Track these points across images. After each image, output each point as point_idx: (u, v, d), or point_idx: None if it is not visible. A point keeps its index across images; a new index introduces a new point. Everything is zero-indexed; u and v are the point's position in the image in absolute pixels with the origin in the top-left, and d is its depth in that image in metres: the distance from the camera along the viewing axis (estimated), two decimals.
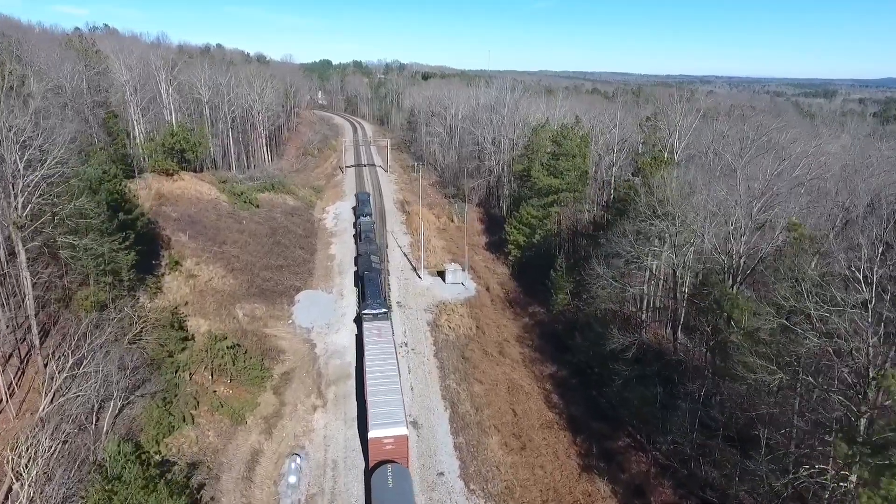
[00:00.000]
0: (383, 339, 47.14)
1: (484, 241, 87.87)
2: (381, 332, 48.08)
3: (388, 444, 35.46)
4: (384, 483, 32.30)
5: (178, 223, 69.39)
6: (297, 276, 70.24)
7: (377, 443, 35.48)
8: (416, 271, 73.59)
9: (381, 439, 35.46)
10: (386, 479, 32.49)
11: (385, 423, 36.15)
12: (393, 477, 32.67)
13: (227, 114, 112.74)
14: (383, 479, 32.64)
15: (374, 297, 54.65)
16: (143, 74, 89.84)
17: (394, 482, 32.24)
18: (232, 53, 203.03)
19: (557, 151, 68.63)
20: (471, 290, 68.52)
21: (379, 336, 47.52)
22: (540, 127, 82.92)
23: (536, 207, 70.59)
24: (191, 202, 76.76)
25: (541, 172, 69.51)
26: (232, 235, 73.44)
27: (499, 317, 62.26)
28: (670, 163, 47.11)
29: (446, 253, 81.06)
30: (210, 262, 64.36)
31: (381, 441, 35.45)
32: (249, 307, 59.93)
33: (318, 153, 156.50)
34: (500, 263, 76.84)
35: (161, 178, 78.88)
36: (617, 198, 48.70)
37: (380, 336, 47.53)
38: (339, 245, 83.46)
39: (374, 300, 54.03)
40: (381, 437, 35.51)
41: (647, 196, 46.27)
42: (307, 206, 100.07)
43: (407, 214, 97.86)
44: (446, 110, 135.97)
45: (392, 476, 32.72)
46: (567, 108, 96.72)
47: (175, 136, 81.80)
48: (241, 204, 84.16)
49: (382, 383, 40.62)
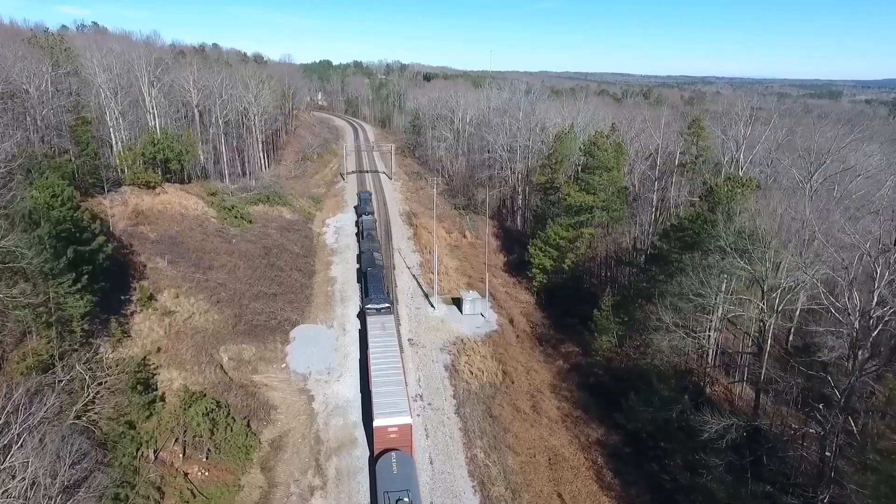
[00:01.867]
0: (387, 332, 47.40)
1: (501, 260, 78.27)
2: (384, 326, 48.42)
3: (393, 432, 36.09)
4: (389, 469, 33.28)
5: (157, 246, 59.64)
6: (294, 305, 60.57)
7: (382, 431, 36.14)
8: (427, 298, 63.97)
9: (385, 428, 36.10)
10: (390, 466, 33.44)
11: (389, 413, 36.73)
12: (397, 463, 33.66)
13: (220, 117, 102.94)
14: (388, 465, 33.59)
15: (378, 293, 54.70)
16: (125, 75, 79.95)
17: (398, 468, 33.26)
18: (228, 53, 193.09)
19: (590, 164, 59.01)
20: (492, 323, 58.91)
21: (382, 330, 47.76)
22: (564, 134, 73.29)
23: (565, 227, 60.99)
24: (173, 220, 66.98)
25: (571, 188, 59.91)
26: (219, 258, 63.72)
27: (527, 358, 52.66)
28: (751, 185, 37.79)
29: (461, 275, 71.47)
30: (192, 292, 54.67)
31: (385, 429, 36.11)
32: (236, 349, 50.29)
33: (318, 158, 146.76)
34: (522, 289, 67.21)
35: (141, 193, 69.08)
36: (678, 225, 39.46)
37: (383, 330, 47.78)
38: (340, 265, 73.80)
39: (377, 295, 54.03)
40: (386, 425, 36.13)
41: (724, 226, 36.70)
42: (305, 219, 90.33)
43: (414, 228, 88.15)
44: (453, 113, 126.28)
45: (396, 462, 33.71)
46: (590, 112, 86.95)
47: (157, 145, 72.00)
48: (232, 219, 74.41)
49: (386, 375, 40.99)
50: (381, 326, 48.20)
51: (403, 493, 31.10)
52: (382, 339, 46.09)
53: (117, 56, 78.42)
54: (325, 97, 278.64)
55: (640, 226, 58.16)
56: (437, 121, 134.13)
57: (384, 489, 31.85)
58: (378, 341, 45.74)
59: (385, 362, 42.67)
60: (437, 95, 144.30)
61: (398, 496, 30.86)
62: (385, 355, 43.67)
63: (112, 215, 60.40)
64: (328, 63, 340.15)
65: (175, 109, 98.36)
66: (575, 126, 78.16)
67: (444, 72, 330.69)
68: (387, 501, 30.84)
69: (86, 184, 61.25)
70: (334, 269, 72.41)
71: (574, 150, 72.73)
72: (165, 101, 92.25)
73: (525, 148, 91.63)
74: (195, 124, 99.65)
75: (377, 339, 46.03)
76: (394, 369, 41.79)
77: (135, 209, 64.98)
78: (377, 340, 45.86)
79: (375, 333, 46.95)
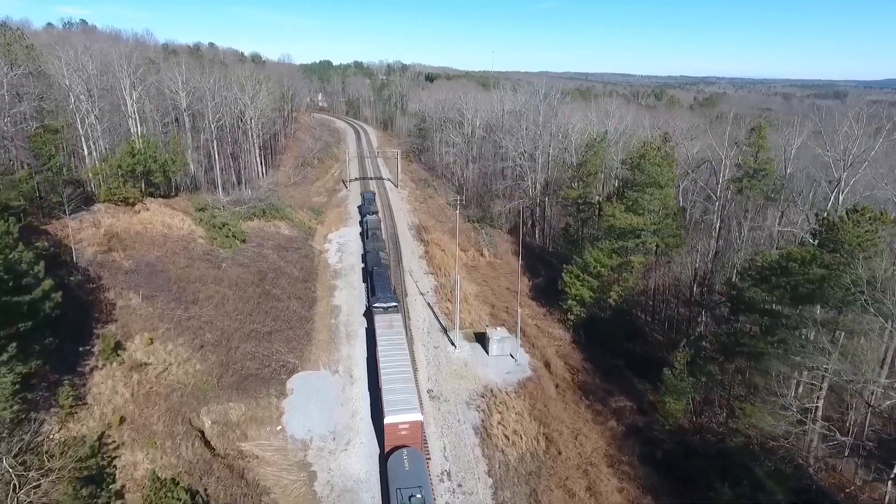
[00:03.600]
0: (395, 330, 46.74)
1: (525, 284, 68.83)
2: (392, 324, 47.67)
3: (404, 429, 35.37)
4: (400, 465, 32.54)
5: (131, 277, 50.16)
6: (292, 345, 51.16)
7: (393, 428, 35.42)
8: (447, 334, 54.58)
9: (396, 425, 35.36)
10: (402, 462, 32.70)
11: (400, 410, 35.91)
12: (409, 460, 32.92)
13: (212, 122, 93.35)
14: (399, 462, 32.89)
15: (385, 292, 53.90)
16: (103, 77, 70.43)
17: (410, 465, 32.48)
18: (225, 53, 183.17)
19: (639, 179, 49.61)
20: (524, 366, 49.56)
21: (390, 328, 47.03)
22: (598, 142, 63.84)
23: (607, 253, 51.61)
24: (154, 243, 57.47)
25: (615, 208, 50.50)
26: (206, 288, 54.25)
27: (572, 417, 43.27)
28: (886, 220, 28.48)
29: (481, 303, 62.09)
30: (170, 336, 45.24)
31: (396, 426, 35.37)
32: (221, 409, 40.86)
33: (319, 163, 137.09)
34: (555, 322, 57.79)
35: (117, 211, 59.59)
36: (779, 267, 30.17)
37: (391, 328, 47.05)
38: (345, 290, 64.32)
39: (384, 294, 53.14)
40: (397, 422, 35.38)
41: (851, 275, 27.34)
42: (305, 234, 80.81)
43: (426, 245, 78.65)
44: (463, 116, 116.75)
45: (408, 459, 33.00)
46: (622, 117, 77.49)
47: (137, 155, 62.42)
48: (223, 239, 64.86)
49: (396, 372, 40.13)
50: (389, 324, 47.46)
51: (416, 489, 30.39)
52: (390, 337, 45.33)
53: (94, 55, 68.78)
54: (326, 98, 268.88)
55: (702, 255, 48.70)
56: (445, 124, 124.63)
57: (396, 486, 31.06)
58: (386, 339, 44.92)
59: (394, 360, 41.84)
60: (444, 97, 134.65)
61: (411, 493, 30.05)
62: (394, 353, 42.84)
63: (79, 241, 50.97)
64: (328, 63, 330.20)
65: (163, 114, 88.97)
66: (609, 133, 68.61)
67: (445, 72, 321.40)
68: (399, 498, 30.03)
69: (49, 204, 51.82)
70: (338, 296, 62.93)
71: (608, 162, 63.33)
72: (152, 104, 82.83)
73: (545, 156, 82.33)
74: (186, 130, 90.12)
75: (385, 337, 45.23)
76: (403, 367, 41.11)
77: (108, 231, 55.47)
78: (385, 338, 45.05)
79: (383, 331, 46.20)
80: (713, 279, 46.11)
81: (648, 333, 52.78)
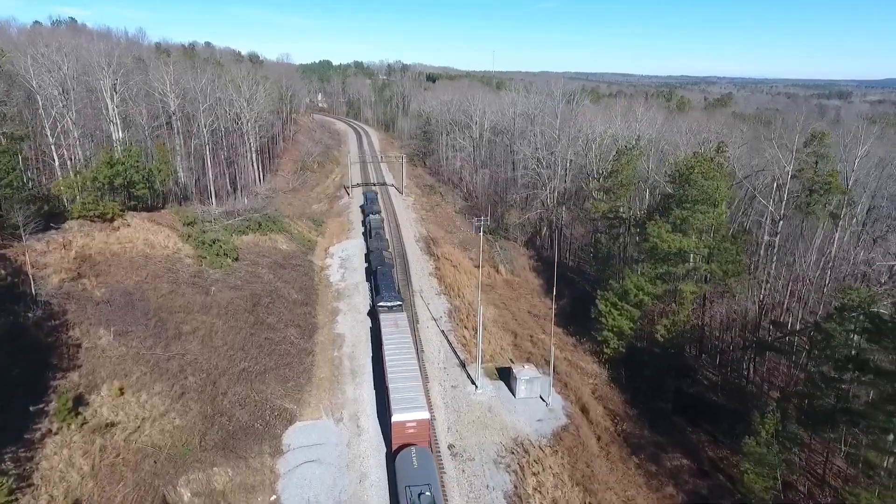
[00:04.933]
0: (400, 329, 46.12)
1: (546, 303, 61.76)
2: (397, 323, 46.98)
3: (411, 427, 34.59)
4: (409, 464, 31.59)
5: (104, 310, 42.92)
6: (289, 385, 43.99)
7: (400, 426, 34.61)
8: (465, 369, 47.46)
9: (403, 423, 34.62)
10: (410, 460, 31.81)
11: (407, 408, 35.15)
12: (417, 458, 32.00)
13: (204, 125, 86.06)
14: (408, 460, 31.95)
15: (389, 291, 52.86)
16: (81, 78, 63.09)
17: (418, 463, 31.58)
18: (222, 52, 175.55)
19: (689, 195, 42.42)
20: (558, 411, 42.39)
21: (396, 326, 46.36)
22: (630, 149, 56.66)
23: (650, 279, 44.49)
24: (133, 265, 50.23)
25: (661, 227, 43.32)
26: (191, 319, 47.05)
27: (621, 480, 36.12)
28: None
29: (502, 329, 54.94)
30: (145, 383, 38.03)
31: (403, 424, 34.60)
32: (203, 477, 33.67)
33: (319, 167, 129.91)
34: (585, 353, 50.66)
35: (92, 229, 52.29)
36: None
37: (396, 326, 46.38)
38: (349, 314, 57.12)
39: (388, 293, 52.24)
40: (404, 420, 34.64)
41: None
42: (305, 248, 73.59)
43: (436, 260, 71.46)
44: (471, 119, 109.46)
45: (416, 457, 32.08)
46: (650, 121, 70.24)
47: (117, 165, 55.14)
48: (213, 258, 57.64)
49: (402, 371, 39.37)
50: (395, 324, 46.80)
51: (425, 487, 29.58)
52: (396, 336, 44.65)
53: (69, 53, 61.38)
54: (326, 98, 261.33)
55: (768, 286, 41.48)
56: (452, 126, 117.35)
57: (405, 484, 30.23)
58: (392, 338, 44.29)
59: (400, 359, 41.23)
60: (450, 98, 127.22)
61: (420, 490, 29.31)
62: (400, 352, 42.16)
63: (43, 266, 43.77)
64: (328, 63, 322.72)
65: (153, 118, 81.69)
66: (617, 135, 61.38)
67: (447, 72, 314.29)
68: (408, 495, 29.28)
69: (8, 223, 44.56)
70: (341, 322, 55.74)
71: (642, 171, 56.22)
72: (140, 108, 75.54)
73: (563, 162, 75.19)
74: (177, 134, 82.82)
75: (391, 336, 44.55)
76: (409, 365, 40.42)
77: (80, 254, 48.23)
78: (391, 337, 44.38)
79: (389, 331, 45.52)
80: (783, 315, 39.12)
81: (697, 369, 45.75)
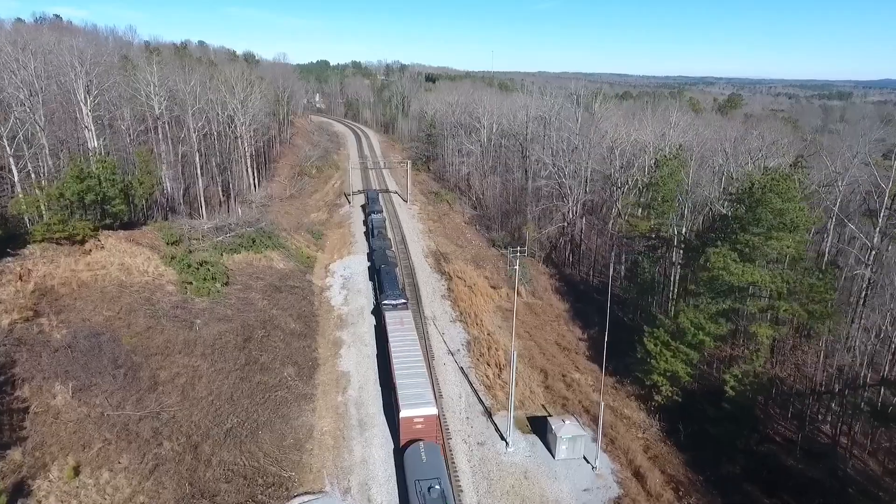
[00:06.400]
0: (405, 327, 45.47)
1: (576, 332, 54.43)
2: (402, 321, 46.35)
3: (419, 423, 34.40)
4: (418, 458, 31.37)
5: (63, 358, 35.40)
6: (286, 444, 36.53)
7: (408, 422, 34.45)
8: (491, 419, 40.11)
9: (411, 419, 34.46)
10: (419, 455, 31.60)
11: (415, 404, 34.99)
12: (426, 452, 31.79)
13: (194, 130, 78.50)
14: (416, 454, 31.72)
15: (393, 289, 52.33)
16: (50, 79, 55.46)
17: (427, 457, 31.38)
18: (216, 51, 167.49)
19: (761, 217, 35.19)
20: (607, 479, 35.08)
21: (401, 324, 45.76)
22: (671, 160, 49.39)
23: (711, 317, 37.23)
24: (104, 298, 42.70)
25: (726, 255, 36.06)
26: (171, 363, 39.59)
27: None
28: None
29: (529, 366, 47.50)
30: (108, 456, 30.53)
31: (411, 420, 34.46)
32: None
33: (317, 172, 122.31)
34: (629, 398, 43.31)
35: (58, 253, 44.75)
36: None
37: (402, 324, 45.79)
38: (354, 347, 49.69)
39: (392, 291, 51.72)
40: (412, 416, 34.47)
41: None
42: (303, 267, 66.09)
43: (448, 279, 64.04)
44: (479, 122, 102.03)
45: (425, 451, 31.88)
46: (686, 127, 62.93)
47: (87, 180, 47.53)
48: (200, 283, 50.16)
49: (409, 367, 39.22)
50: (400, 321, 46.41)
51: (434, 480, 29.10)
52: (402, 334, 44.40)
53: (36, 51, 53.69)
54: (324, 99, 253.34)
55: (860, 330, 34.27)
56: (457, 129, 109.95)
57: (415, 478, 29.71)
58: (398, 335, 44.01)
59: (407, 355, 40.99)
60: (455, 99, 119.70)
61: (430, 484, 28.81)
62: (406, 349, 42.05)
63: None
64: (325, 63, 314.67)
65: (138, 122, 74.18)
66: (681, 147, 54.03)
67: (445, 72, 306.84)
68: (418, 489, 28.70)
69: None
70: (346, 357, 48.29)
71: (682, 183, 49.01)
72: (123, 111, 67.96)
73: (585, 171, 67.97)
74: (165, 139, 75.24)
75: (397, 334, 44.31)
76: (416, 362, 40.41)
77: (40, 286, 40.68)
78: (397, 335, 44.13)
79: (394, 328, 45.26)
80: (887, 367, 32.06)
81: (768, 423, 38.59)
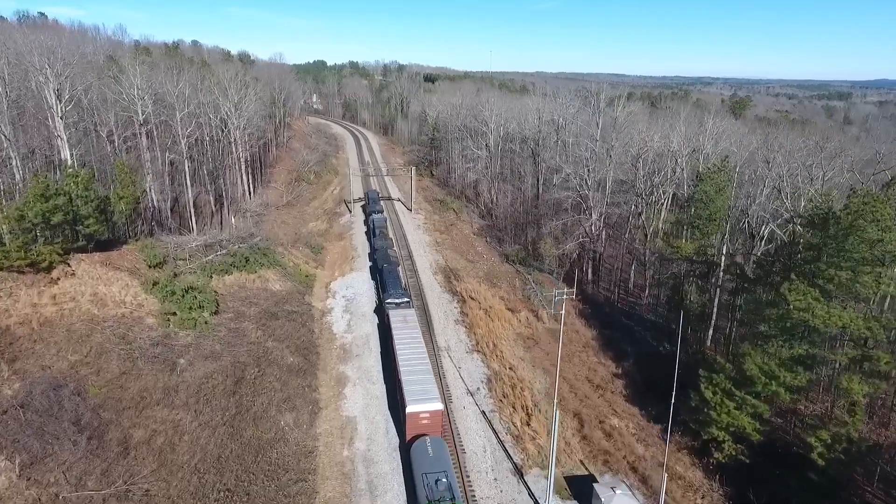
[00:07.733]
0: (409, 324, 45.22)
1: (610, 369, 48.26)
2: (406, 319, 46.08)
3: (425, 418, 34.30)
4: (424, 452, 31.53)
5: (12, 422, 28.98)
6: None
7: (414, 417, 34.32)
8: (522, 479, 33.97)
9: (417, 414, 34.29)
10: (426, 449, 31.70)
11: (421, 399, 34.74)
12: (432, 446, 31.93)
13: (183, 135, 71.96)
14: (423, 449, 31.84)
15: (396, 288, 51.31)
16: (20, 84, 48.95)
17: (433, 451, 31.50)
18: (210, 51, 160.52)
19: (848, 249, 29.14)
20: None
21: (405, 322, 45.46)
22: (715, 173, 43.28)
23: (785, 363, 31.16)
24: (70, 337, 36.28)
25: (807, 294, 29.99)
26: (147, 418, 33.23)
27: None
28: None
29: (561, 410, 41.13)
30: None
31: (417, 415, 34.30)
32: None
33: (316, 178, 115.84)
34: (681, 451, 37.29)
35: (18, 285, 38.28)
36: None
37: (406, 322, 45.48)
38: (360, 386, 43.38)
39: (395, 290, 50.82)
40: (418, 411, 34.29)
41: None
42: (301, 287, 59.71)
43: (461, 301, 57.81)
44: (486, 125, 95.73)
45: (431, 445, 32.04)
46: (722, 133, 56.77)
47: (52, 199, 41.02)
48: (185, 314, 43.69)
49: (414, 364, 38.81)
50: (404, 319, 46.03)
51: (441, 474, 29.17)
52: (406, 331, 43.71)
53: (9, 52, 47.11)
54: (321, 100, 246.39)
55: None
56: (463, 132, 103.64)
57: (422, 471, 29.72)
58: (402, 333, 43.23)
59: (411, 352, 40.22)
60: (459, 101, 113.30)
61: (437, 477, 28.89)
62: (411, 346, 41.19)
63: None
64: (323, 63, 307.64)
65: (123, 129, 67.68)
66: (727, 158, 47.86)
67: (444, 73, 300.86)
68: (425, 482, 28.73)
69: None
70: (351, 398, 41.97)
71: (728, 197, 42.93)
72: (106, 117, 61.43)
73: (606, 181, 61.85)
74: (147, 149, 68.70)
75: (401, 331, 43.60)
76: (421, 358, 39.69)
77: None
78: (401, 332, 43.39)
79: (398, 326, 44.67)
80: None
81: (853, 490, 32.60)
